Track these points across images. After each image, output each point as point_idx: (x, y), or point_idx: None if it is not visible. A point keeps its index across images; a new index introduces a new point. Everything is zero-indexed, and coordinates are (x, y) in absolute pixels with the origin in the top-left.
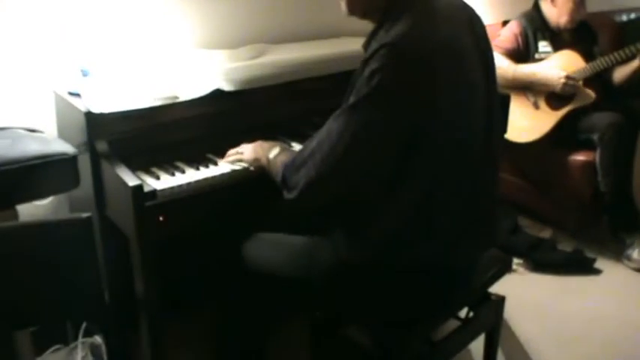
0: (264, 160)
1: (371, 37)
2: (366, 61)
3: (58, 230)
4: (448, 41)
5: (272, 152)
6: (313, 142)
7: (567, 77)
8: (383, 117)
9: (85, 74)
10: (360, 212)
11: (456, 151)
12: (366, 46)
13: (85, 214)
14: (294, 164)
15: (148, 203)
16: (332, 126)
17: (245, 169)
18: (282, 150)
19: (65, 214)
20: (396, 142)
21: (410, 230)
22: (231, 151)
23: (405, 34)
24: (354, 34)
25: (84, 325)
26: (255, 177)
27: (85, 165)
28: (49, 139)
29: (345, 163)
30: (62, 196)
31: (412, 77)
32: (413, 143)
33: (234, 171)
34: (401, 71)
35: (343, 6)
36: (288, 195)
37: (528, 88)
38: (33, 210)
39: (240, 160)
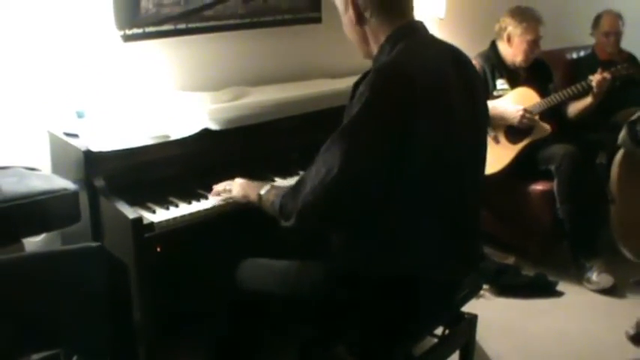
0: (254, 197)
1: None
2: (355, 86)
3: (71, 259)
4: (430, 71)
5: (263, 189)
6: (311, 170)
7: (525, 111)
8: (373, 132)
9: (80, 116)
10: (353, 225)
11: (439, 170)
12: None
13: (94, 243)
14: (293, 192)
15: (147, 235)
16: (327, 151)
17: (235, 203)
18: (273, 187)
19: None
20: (386, 156)
21: (396, 242)
22: (218, 189)
23: (389, 61)
24: (326, 75)
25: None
26: (244, 208)
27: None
28: (50, 176)
29: (344, 184)
30: (54, 232)
31: (395, 96)
32: (398, 158)
33: (223, 204)
34: (385, 91)
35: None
36: (286, 223)
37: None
38: (26, 246)
39: (230, 199)
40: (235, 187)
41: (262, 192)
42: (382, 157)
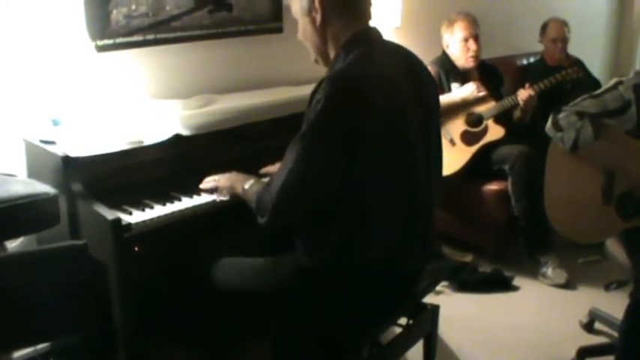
0: (239, 190)
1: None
2: (313, 94)
3: (58, 257)
4: (383, 78)
5: (247, 183)
6: (277, 171)
7: (476, 84)
8: (329, 136)
9: (55, 124)
10: (315, 224)
11: (393, 171)
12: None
13: (80, 241)
14: (264, 192)
15: (125, 235)
16: (289, 153)
17: (207, 203)
18: (257, 181)
19: None
20: (341, 158)
21: (354, 239)
22: (208, 179)
23: (342, 69)
24: (287, 83)
25: None
26: (216, 209)
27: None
28: (30, 181)
29: (304, 183)
30: (30, 237)
31: (347, 103)
32: (353, 161)
33: (197, 205)
34: (338, 98)
35: (312, 56)
36: (261, 220)
37: (444, 125)
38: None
39: (216, 188)
40: (223, 178)
41: (247, 186)
42: (337, 159)
